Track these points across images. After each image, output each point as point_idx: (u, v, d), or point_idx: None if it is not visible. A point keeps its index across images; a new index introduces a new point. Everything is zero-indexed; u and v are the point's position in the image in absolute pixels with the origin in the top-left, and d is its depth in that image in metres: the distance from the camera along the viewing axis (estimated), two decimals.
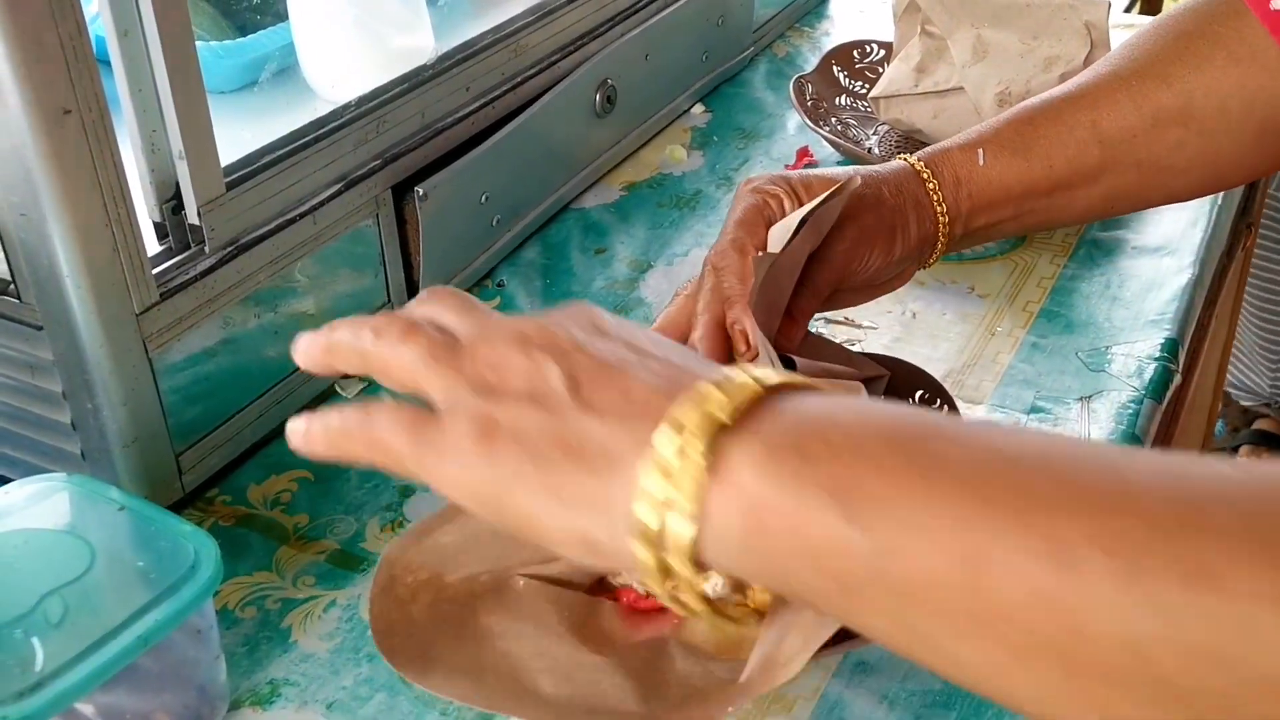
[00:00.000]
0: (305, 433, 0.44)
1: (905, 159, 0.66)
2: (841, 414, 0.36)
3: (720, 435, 0.35)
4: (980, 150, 0.65)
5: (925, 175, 0.65)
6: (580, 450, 0.37)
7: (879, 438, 0.34)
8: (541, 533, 0.38)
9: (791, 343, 0.60)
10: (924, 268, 0.68)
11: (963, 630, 0.32)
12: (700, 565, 0.36)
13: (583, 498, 0.37)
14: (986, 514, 0.32)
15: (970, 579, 0.31)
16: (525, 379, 0.39)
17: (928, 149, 0.67)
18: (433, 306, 0.44)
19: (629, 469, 0.36)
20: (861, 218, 0.62)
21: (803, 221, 0.58)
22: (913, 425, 0.35)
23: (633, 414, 0.37)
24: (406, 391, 0.42)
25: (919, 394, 0.65)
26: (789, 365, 0.58)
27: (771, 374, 0.37)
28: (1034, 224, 0.68)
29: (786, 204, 0.62)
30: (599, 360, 0.39)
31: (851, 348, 0.70)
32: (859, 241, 0.62)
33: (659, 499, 0.35)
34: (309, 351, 0.45)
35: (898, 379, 0.64)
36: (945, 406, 0.67)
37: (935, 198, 0.64)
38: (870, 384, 0.61)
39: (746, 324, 0.55)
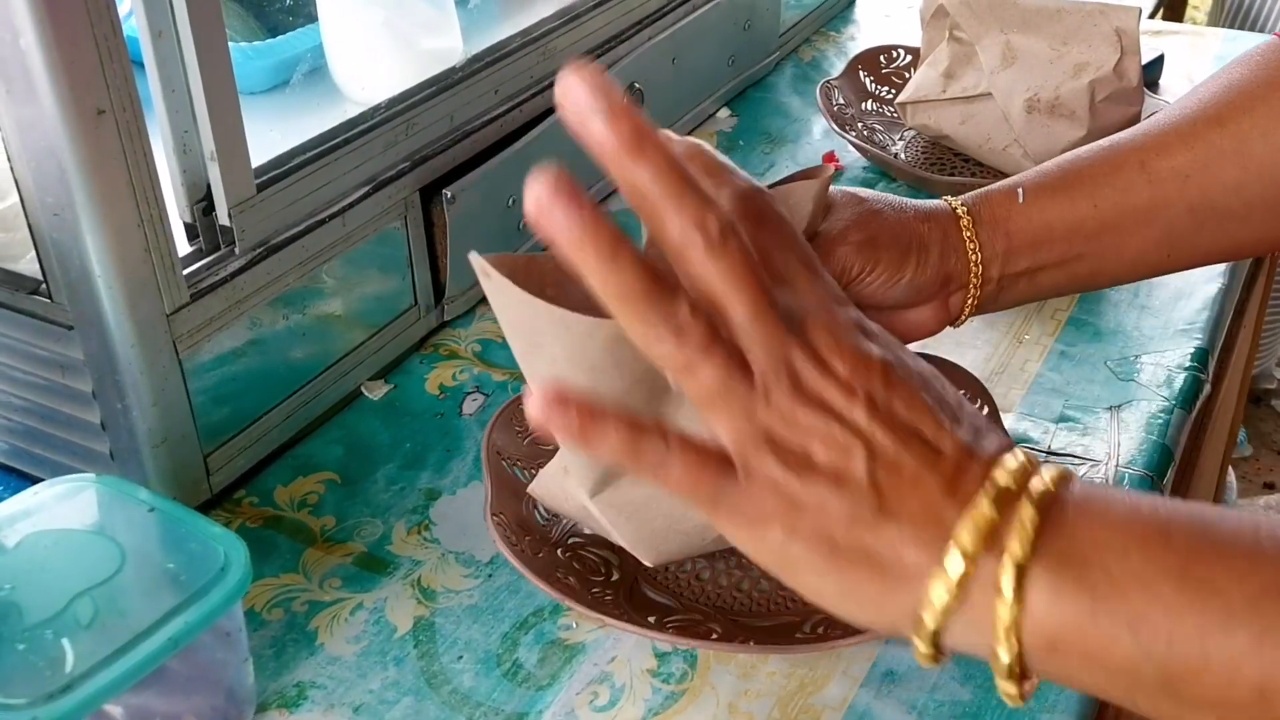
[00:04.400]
0: (593, 436, 0.40)
1: (946, 200, 0.64)
2: (1114, 534, 0.38)
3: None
4: (1020, 189, 0.63)
5: (960, 212, 0.63)
6: (876, 558, 0.39)
7: (1156, 567, 0.37)
8: (823, 604, 0.41)
9: None
10: (962, 316, 0.65)
11: None
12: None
13: (873, 601, 0.40)
14: (1264, 644, 0.35)
15: (1262, 709, 0.35)
16: (827, 456, 0.39)
17: (970, 193, 0.65)
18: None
19: (920, 584, 0.39)
20: (871, 225, 0.61)
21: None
22: (1181, 546, 0.38)
23: (925, 524, 0.39)
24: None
25: (960, 394, 0.65)
26: None
27: (1043, 477, 0.39)
28: (1086, 272, 0.64)
29: None
30: (894, 442, 0.40)
31: None
32: (863, 247, 0.60)
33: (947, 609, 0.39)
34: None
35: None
36: (985, 406, 0.66)
37: (967, 234, 0.62)
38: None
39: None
